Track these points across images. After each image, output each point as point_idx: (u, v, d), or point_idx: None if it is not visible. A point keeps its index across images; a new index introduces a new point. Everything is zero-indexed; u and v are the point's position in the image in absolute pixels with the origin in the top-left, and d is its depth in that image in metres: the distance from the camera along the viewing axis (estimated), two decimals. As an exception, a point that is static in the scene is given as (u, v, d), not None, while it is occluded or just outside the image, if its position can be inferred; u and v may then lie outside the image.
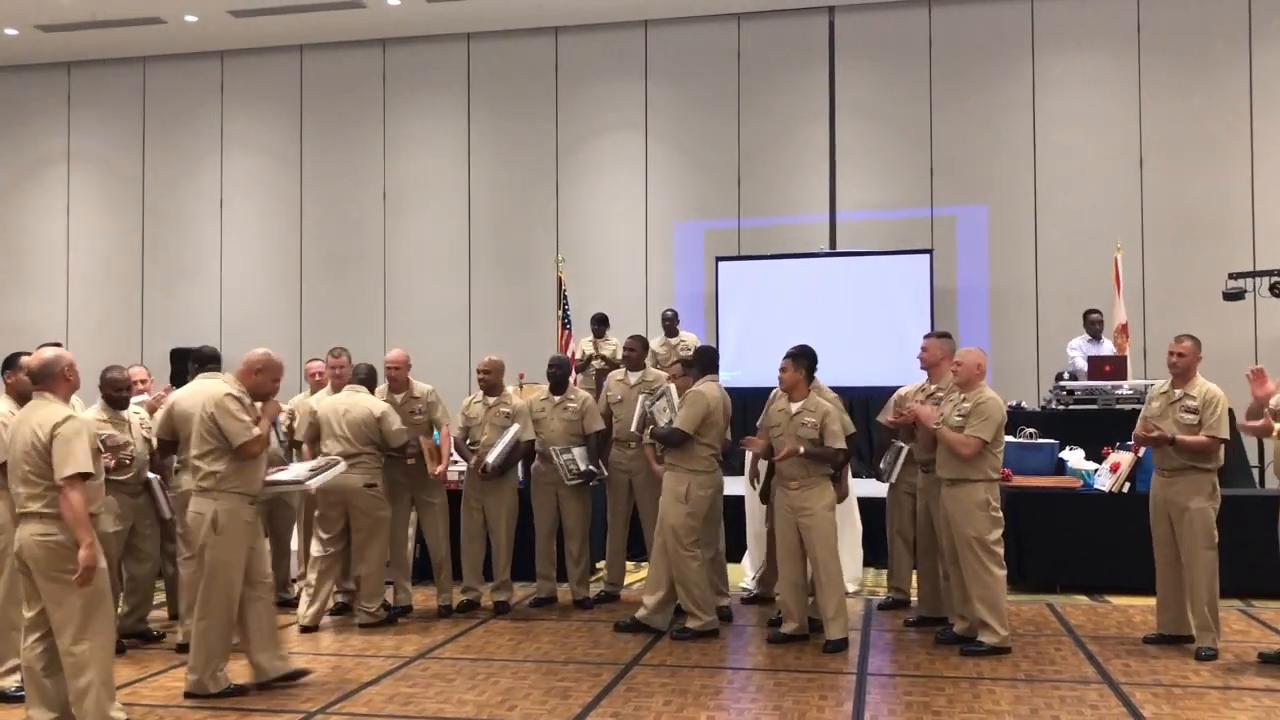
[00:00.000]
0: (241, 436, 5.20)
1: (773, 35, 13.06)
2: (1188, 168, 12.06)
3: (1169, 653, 5.98)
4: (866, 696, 5.18)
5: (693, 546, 6.44)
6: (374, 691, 5.40)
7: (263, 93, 14.24)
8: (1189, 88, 12.12)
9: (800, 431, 6.21)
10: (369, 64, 13.97)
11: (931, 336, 6.90)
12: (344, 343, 8.07)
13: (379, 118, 13.93)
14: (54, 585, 4.50)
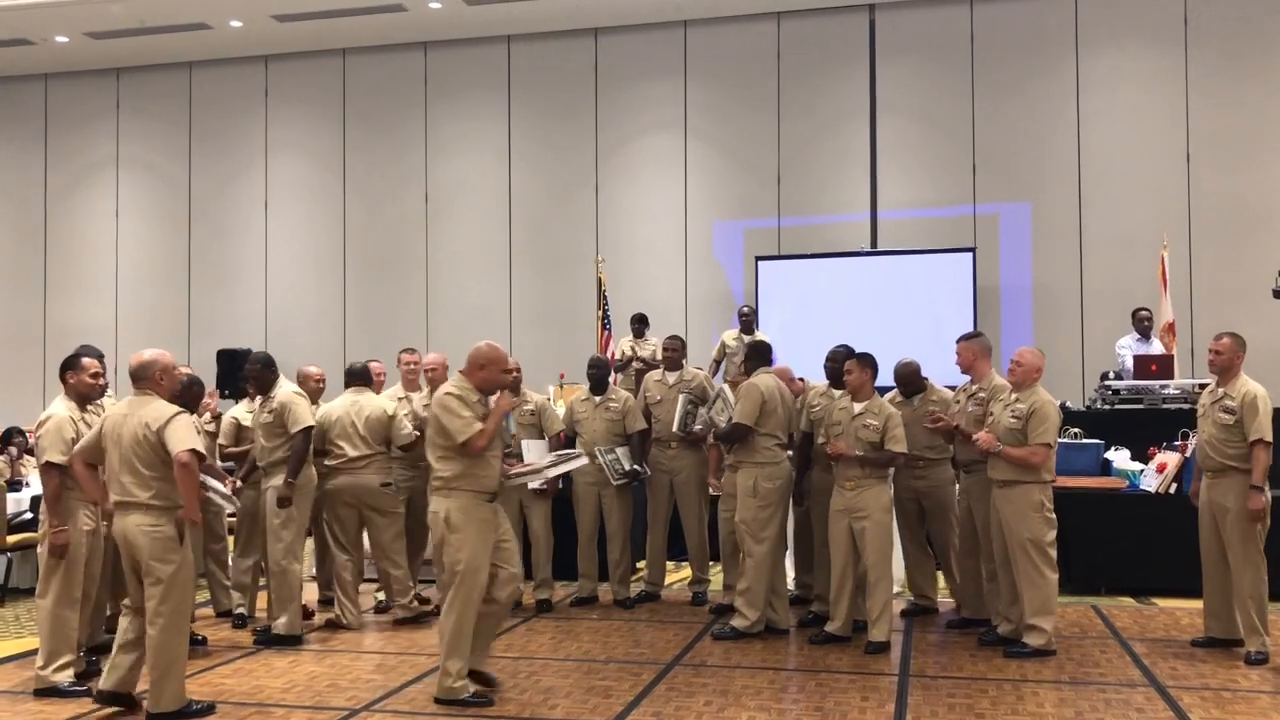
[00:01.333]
0: (463, 433, 5.07)
1: (813, 34, 13.02)
2: (1236, 163, 11.87)
3: (1217, 656, 5.90)
4: (908, 698, 5.16)
5: (765, 540, 6.40)
6: (416, 690, 5.45)
7: (306, 96, 14.41)
8: (1236, 81, 11.92)
9: (861, 434, 6.18)
10: (410, 66, 14.09)
11: (963, 339, 6.82)
12: (387, 343, 8.26)
13: (421, 120, 14.04)
14: (151, 574, 4.88)
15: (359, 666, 5.96)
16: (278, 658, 6.15)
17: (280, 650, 6.32)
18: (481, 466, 5.18)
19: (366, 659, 6.14)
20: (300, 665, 5.97)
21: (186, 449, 4.82)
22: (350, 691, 5.42)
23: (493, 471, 5.26)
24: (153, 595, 4.88)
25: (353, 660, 6.14)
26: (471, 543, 5.12)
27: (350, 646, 6.50)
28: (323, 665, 6.00)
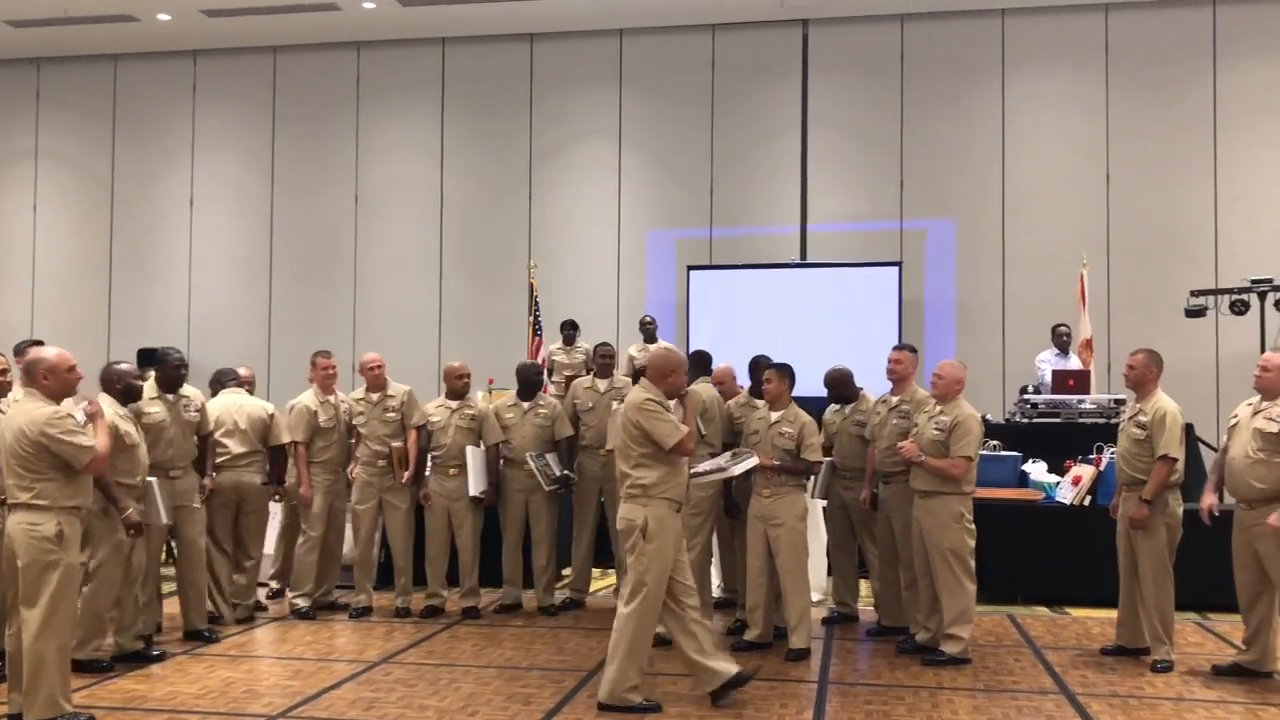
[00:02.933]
0: (674, 436, 5.11)
1: (747, 46, 13.14)
2: (1153, 185, 12.24)
3: (1126, 664, 6.06)
4: (826, 705, 5.22)
5: (693, 548, 6.36)
6: (336, 695, 5.39)
7: (235, 93, 14.17)
8: (1155, 107, 12.30)
9: (777, 441, 6.24)
10: (343, 67, 13.94)
11: (902, 349, 6.94)
12: (313, 345, 8.19)
13: (352, 120, 13.90)
14: (25, 574, 4.73)
15: (276, 672, 5.87)
16: (193, 663, 6.04)
17: (196, 655, 6.20)
18: (677, 473, 5.23)
19: (285, 665, 6.05)
20: (216, 671, 5.87)
21: (87, 456, 4.81)
22: (267, 698, 5.34)
23: (684, 478, 5.31)
24: (25, 596, 4.74)
25: (271, 666, 6.05)
26: (663, 554, 5.14)
27: (269, 652, 6.41)
28: (239, 671, 5.90)
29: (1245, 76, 12.15)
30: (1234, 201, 12.08)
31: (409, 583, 7.45)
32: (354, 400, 7.55)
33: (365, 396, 7.48)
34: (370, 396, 7.45)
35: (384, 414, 7.38)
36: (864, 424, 6.85)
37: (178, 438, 6.44)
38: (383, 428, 7.37)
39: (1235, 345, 11.38)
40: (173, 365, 6.53)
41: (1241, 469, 5.59)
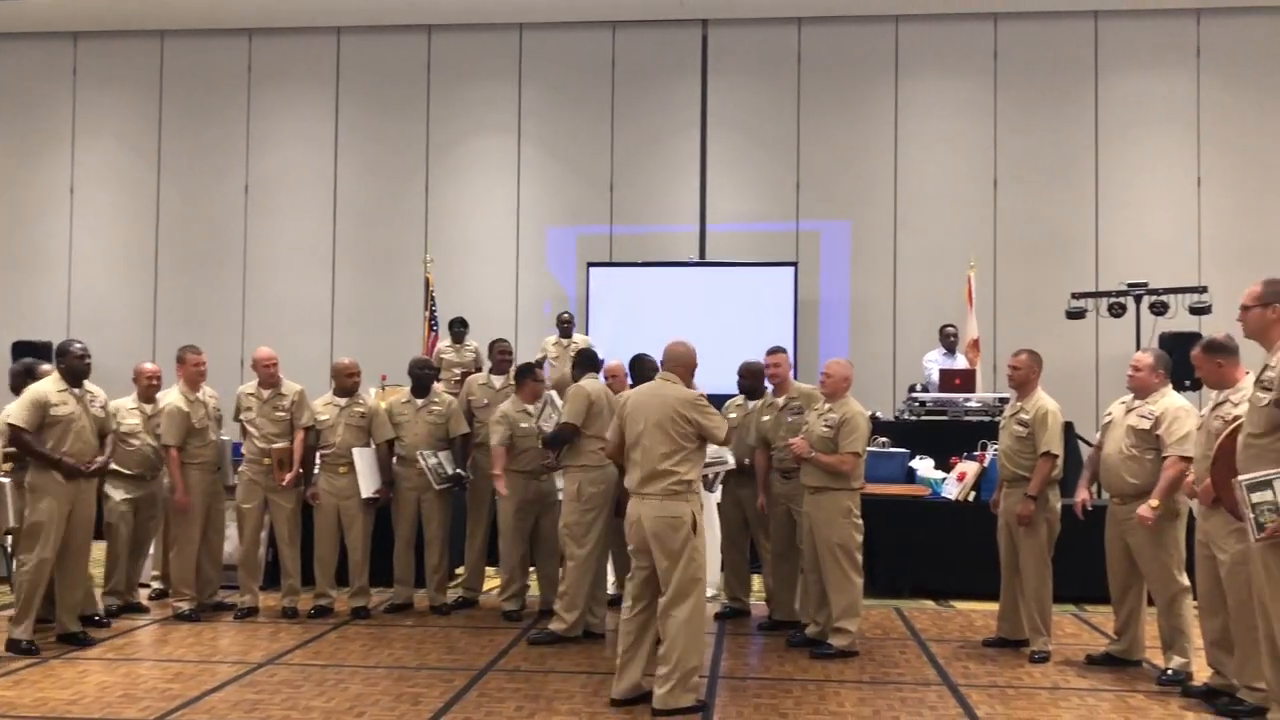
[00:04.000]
0: (724, 429, 5.27)
1: (647, 45, 13.18)
2: (1038, 190, 12.64)
3: (1006, 655, 6.24)
4: (716, 699, 5.26)
5: (587, 544, 6.39)
6: (217, 698, 5.24)
7: (119, 77, 13.69)
8: (1041, 114, 12.70)
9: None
10: (233, 53, 13.57)
11: (778, 352, 7.04)
12: (201, 340, 8.00)
13: (243, 108, 13.54)
14: None
15: (155, 675, 5.69)
16: (66, 667, 5.82)
17: (70, 659, 5.98)
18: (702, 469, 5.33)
19: (164, 667, 5.87)
20: (90, 675, 5.66)
21: None
22: (145, 702, 5.17)
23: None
24: None
25: (149, 669, 5.86)
26: (705, 548, 5.17)
27: (148, 654, 6.21)
28: (115, 674, 5.70)
29: (1125, 87, 12.62)
30: (1113, 207, 12.54)
31: (296, 583, 7.31)
32: (243, 394, 7.36)
33: (256, 392, 7.30)
34: (261, 393, 7.27)
35: (274, 412, 7.22)
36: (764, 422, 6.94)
37: (85, 433, 6.27)
38: (272, 426, 7.20)
39: (1113, 346, 11.80)
40: (76, 357, 6.32)
41: (1115, 465, 5.79)
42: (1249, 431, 4.56)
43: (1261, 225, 12.31)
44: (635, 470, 5.16)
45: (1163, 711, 5.13)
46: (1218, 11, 12.50)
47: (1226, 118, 12.48)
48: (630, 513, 5.18)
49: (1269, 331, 4.60)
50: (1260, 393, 4.50)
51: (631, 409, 5.25)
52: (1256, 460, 4.48)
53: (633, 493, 5.18)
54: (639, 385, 6.62)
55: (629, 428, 5.22)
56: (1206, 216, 12.46)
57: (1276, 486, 4.36)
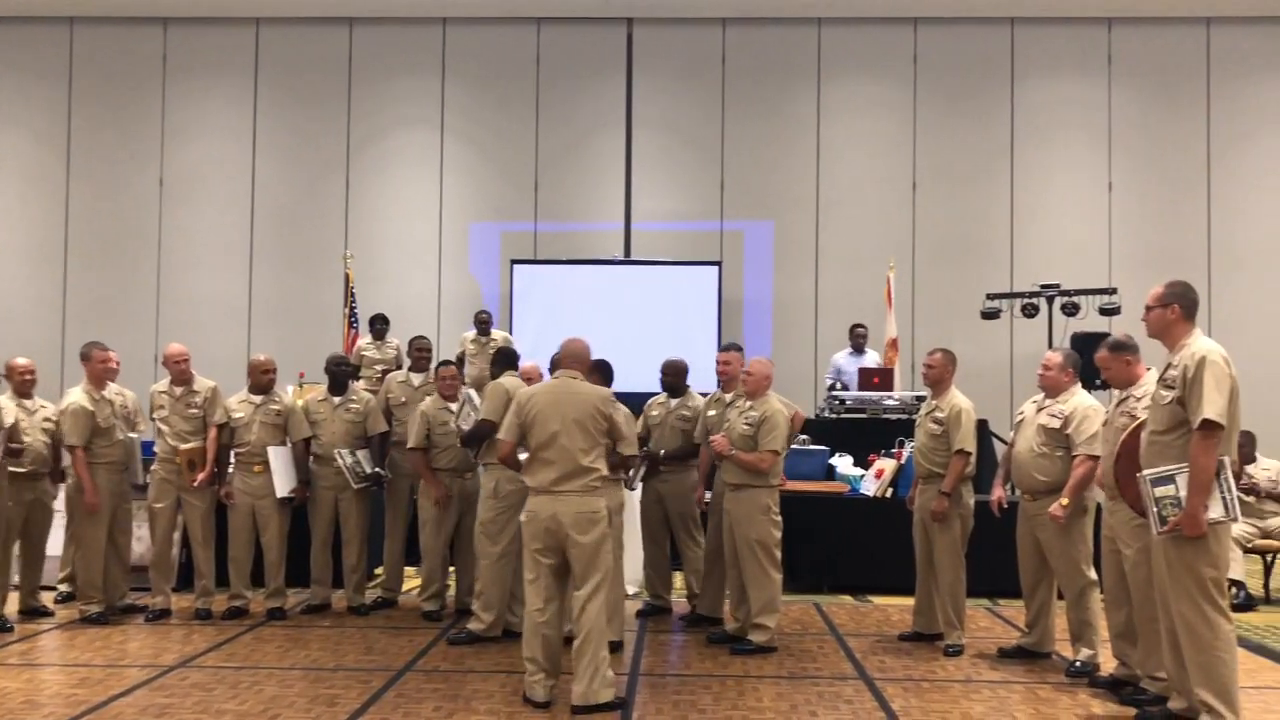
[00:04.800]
0: (633, 432, 5.62)
1: (572, 43, 13.16)
2: (956, 193, 12.89)
3: (921, 649, 6.35)
4: (635, 696, 5.27)
5: (500, 540, 6.33)
6: (125, 703, 5.11)
7: (25, 66, 13.27)
8: (959, 118, 12.95)
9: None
10: (148, 43, 13.25)
11: (731, 349, 7.07)
12: (113, 336, 7.78)
13: (158, 100, 13.23)
14: None
15: (60, 680, 5.53)
16: None
17: (-31, 666, 5.79)
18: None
19: (70, 672, 5.70)
20: (-9, 682, 5.49)
21: None
22: (48, 708, 5.02)
23: None
24: None
25: (53, 674, 5.70)
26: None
27: (54, 659, 6.04)
28: (18, 680, 5.52)
29: (1040, 94, 12.92)
30: (1028, 210, 12.84)
31: (210, 584, 7.16)
32: (156, 393, 7.19)
33: (168, 390, 7.13)
34: (174, 390, 7.11)
35: (187, 410, 7.06)
36: (690, 419, 6.95)
37: None
38: (185, 424, 7.05)
39: (1026, 346, 12.10)
40: None
41: (1026, 463, 5.92)
42: (1152, 428, 4.71)
43: (1169, 229, 12.70)
44: (548, 469, 5.11)
45: (1070, 702, 5.26)
46: (1128, 21, 12.86)
47: (1136, 125, 12.85)
48: (540, 510, 5.11)
49: (1170, 331, 4.75)
50: (1164, 390, 4.64)
51: (542, 407, 5.19)
52: (1159, 456, 4.63)
53: (544, 491, 5.12)
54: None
55: (539, 427, 5.16)
56: (1117, 220, 12.82)
57: (1179, 481, 4.50)
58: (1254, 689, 5.48)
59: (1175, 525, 4.48)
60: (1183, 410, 4.54)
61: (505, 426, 5.37)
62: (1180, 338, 4.71)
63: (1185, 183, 12.80)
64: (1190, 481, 4.45)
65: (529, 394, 5.35)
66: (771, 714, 5.00)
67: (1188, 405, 4.50)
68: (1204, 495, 4.43)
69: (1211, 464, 4.43)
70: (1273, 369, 12.03)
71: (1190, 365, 4.51)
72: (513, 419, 5.30)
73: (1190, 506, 4.44)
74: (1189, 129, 12.83)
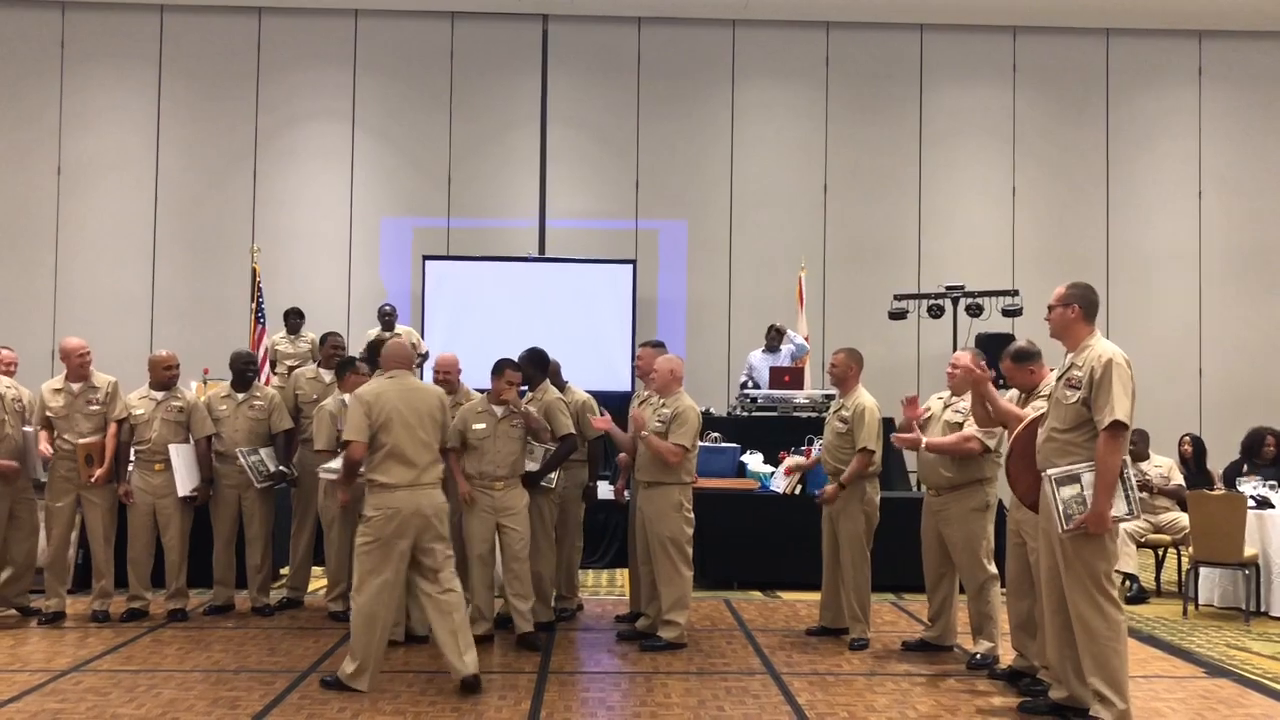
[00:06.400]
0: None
1: (487, 37, 13.07)
2: (865, 196, 13.10)
3: (827, 644, 6.44)
4: (544, 694, 5.26)
5: None
6: (14, 709, 4.93)
7: (-85, 47, 12.76)
8: (869, 122, 13.17)
9: (513, 434, 6.24)
10: (46, 27, 12.81)
11: (646, 345, 7.08)
12: (8, 330, 7.49)
13: (55, 86, 12.79)
14: None
15: (-55, 688, 5.33)
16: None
17: None
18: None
19: (-44, 679, 5.50)
20: None
21: None
22: (-69, 716, 4.84)
23: None
24: None
25: (-62, 681, 5.48)
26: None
27: (-63, 666, 5.80)
28: (-100, 688, 5.31)
29: (947, 99, 13.21)
30: (935, 213, 13.12)
31: (109, 584, 6.95)
32: (49, 390, 6.95)
33: (65, 386, 6.90)
34: (71, 386, 6.89)
35: (87, 406, 6.85)
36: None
37: None
38: (85, 421, 6.84)
39: (932, 346, 12.36)
40: None
41: (930, 458, 6.04)
42: (1053, 426, 4.77)
43: (1070, 233, 13.08)
44: (406, 467, 5.24)
45: (970, 693, 5.38)
46: (1033, 30, 13.20)
47: (1040, 131, 13.20)
48: (404, 506, 5.21)
49: (1070, 330, 4.86)
50: (1068, 390, 4.71)
51: (395, 405, 5.29)
52: (1059, 454, 4.70)
53: (405, 486, 5.22)
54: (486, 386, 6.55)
55: (397, 424, 5.26)
56: (1020, 224, 13.15)
57: (1084, 480, 4.59)
58: (1143, 678, 5.68)
59: (1082, 523, 4.58)
60: (1087, 410, 4.63)
61: (356, 428, 5.31)
62: (1081, 338, 4.82)
63: (1086, 188, 13.19)
64: (1098, 481, 4.54)
65: (376, 394, 5.37)
66: (679, 709, 5.03)
67: (1094, 406, 4.60)
68: (1111, 494, 4.53)
69: (1118, 464, 4.54)
70: (1164, 369, 12.47)
71: (1097, 367, 4.61)
72: (363, 420, 5.29)
73: (1098, 505, 4.53)
74: (1090, 136, 13.22)
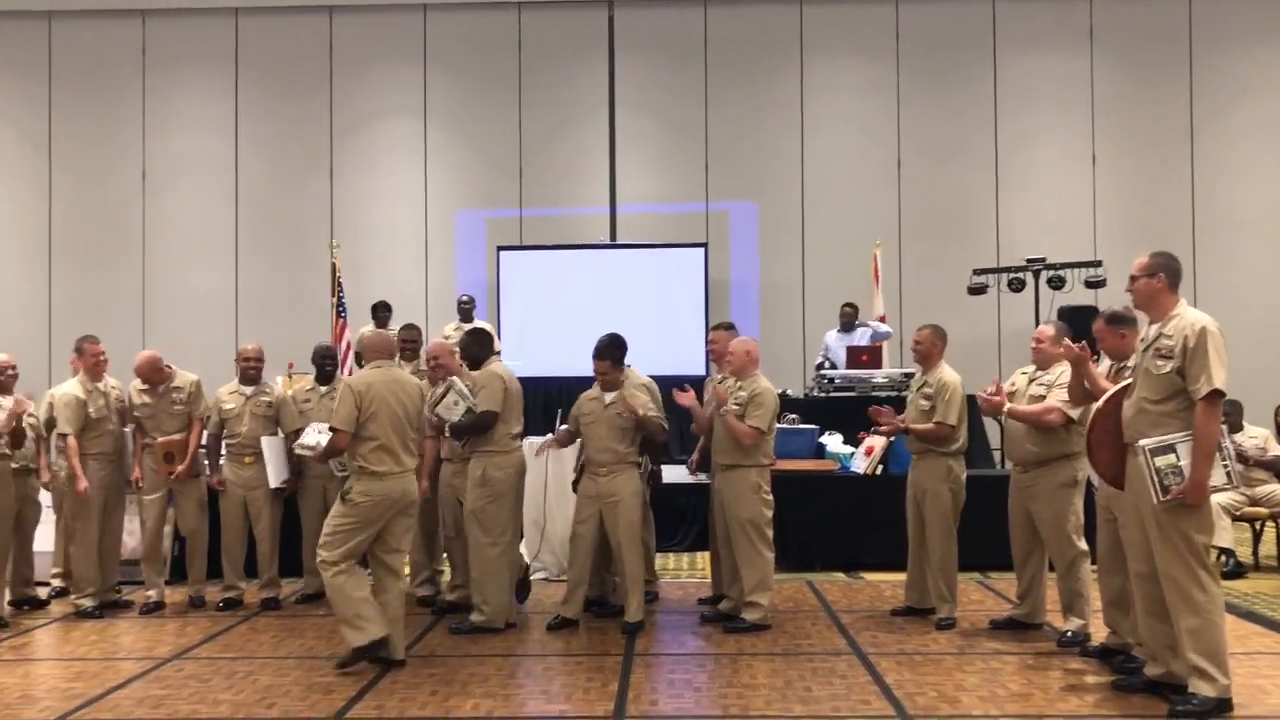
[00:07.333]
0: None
1: (553, 26, 13.12)
2: (940, 170, 12.90)
3: (914, 623, 6.38)
4: (631, 676, 5.30)
5: (492, 529, 6.30)
6: (121, 695, 5.11)
7: (6, 60, 13.22)
8: (941, 95, 12.95)
9: (617, 422, 6.28)
10: (127, 35, 13.17)
11: (719, 328, 7.08)
12: (100, 330, 7.68)
13: (138, 93, 13.16)
14: None
15: (56, 675, 5.54)
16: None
17: (-36, 663, 5.79)
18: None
19: (66, 666, 5.71)
20: (-13, 678, 5.49)
21: None
22: (44, 703, 5.02)
23: None
24: None
25: (50, 668, 5.70)
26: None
27: (49, 653, 6.05)
28: (14, 675, 5.53)
29: (1022, 67, 12.93)
30: (1013, 185, 12.87)
31: (202, 573, 7.19)
32: (136, 391, 7.17)
33: (149, 388, 7.13)
34: (155, 387, 7.11)
35: (171, 406, 7.08)
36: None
37: None
38: (170, 420, 7.07)
39: (1013, 320, 12.13)
40: None
41: (1017, 434, 5.94)
42: (1144, 396, 4.63)
43: (1152, 200, 12.73)
44: (392, 455, 5.45)
45: (1062, 671, 5.30)
46: (1109, -8, 12.87)
47: (1119, 96, 12.86)
48: (391, 491, 5.43)
49: (1155, 300, 4.74)
50: (1159, 360, 4.58)
51: (383, 396, 5.45)
52: (1153, 425, 4.57)
53: (395, 474, 5.45)
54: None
55: (384, 414, 5.42)
56: (1101, 193, 12.84)
57: (1180, 450, 4.47)
58: (1244, 654, 5.53)
59: (1179, 494, 4.47)
60: (1180, 380, 4.51)
61: (345, 418, 5.40)
62: (1167, 308, 4.69)
63: (1169, 153, 12.82)
64: (1196, 451, 4.43)
65: (366, 384, 5.48)
66: (766, 689, 5.02)
67: (1188, 375, 4.47)
68: (1210, 464, 4.42)
69: (1216, 433, 4.43)
70: (1256, 338, 12.08)
71: (1190, 336, 4.49)
72: (353, 410, 5.39)
73: (1196, 475, 4.42)
74: (1172, 99, 12.84)
